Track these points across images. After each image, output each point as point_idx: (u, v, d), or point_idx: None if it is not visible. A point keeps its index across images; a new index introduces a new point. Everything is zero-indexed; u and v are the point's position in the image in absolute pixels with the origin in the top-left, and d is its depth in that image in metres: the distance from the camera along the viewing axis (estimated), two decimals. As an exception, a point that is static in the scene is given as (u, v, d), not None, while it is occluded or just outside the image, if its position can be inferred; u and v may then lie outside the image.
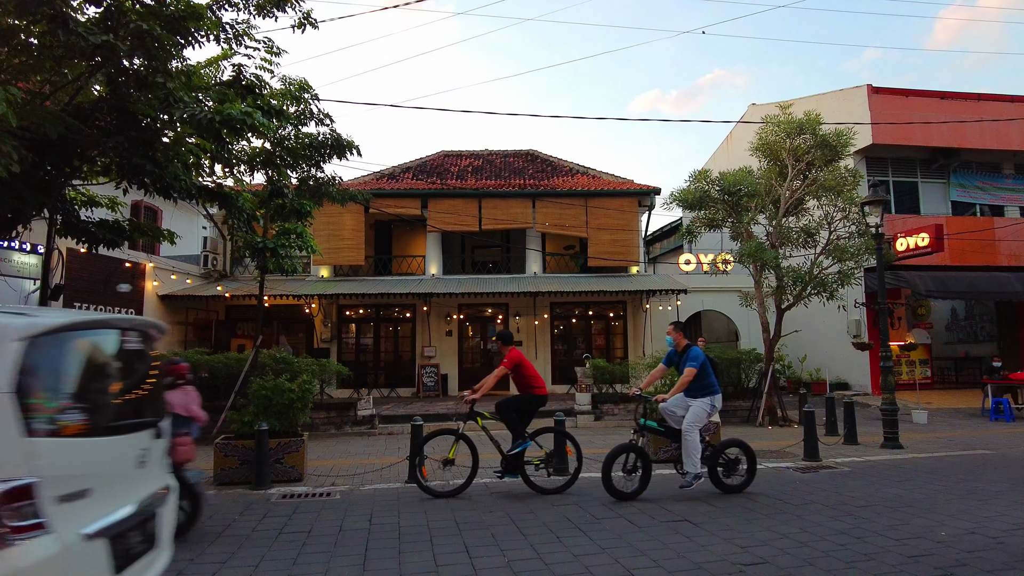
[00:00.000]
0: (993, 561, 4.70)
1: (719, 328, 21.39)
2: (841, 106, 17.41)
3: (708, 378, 6.83)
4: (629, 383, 15.00)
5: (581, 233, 18.75)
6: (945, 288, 16.55)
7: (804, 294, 13.14)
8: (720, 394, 6.98)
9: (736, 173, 13.77)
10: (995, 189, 19.02)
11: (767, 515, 6.07)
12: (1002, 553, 4.88)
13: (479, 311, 19.28)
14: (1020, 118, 17.77)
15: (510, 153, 23.67)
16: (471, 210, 18.46)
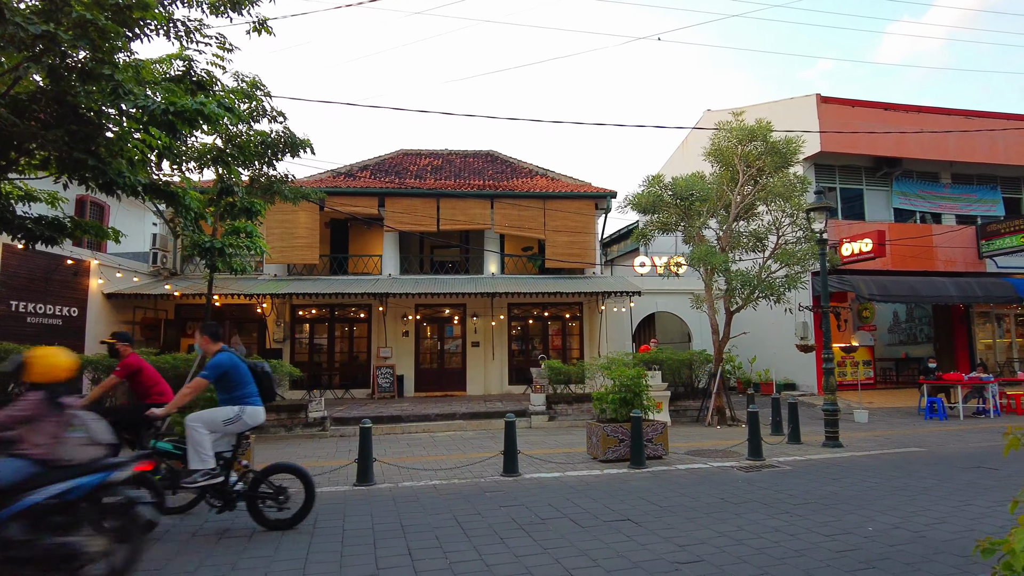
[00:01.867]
0: (913, 554, 4.94)
1: (672, 329, 21.79)
2: (792, 114, 17.92)
3: (240, 389, 5.72)
4: (584, 383, 15.19)
5: (539, 235, 18.87)
6: (887, 292, 17.19)
7: (752, 297, 13.49)
8: (259, 407, 5.87)
9: (688, 178, 14.07)
10: (934, 197, 19.84)
11: (708, 514, 6.24)
12: (922, 546, 5.13)
13: (437, 312, 19.23)
14: (956, 130, 18.57)
15: (470, 153, 23.67)
16: (429, 210, 18.40)
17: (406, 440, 11.95)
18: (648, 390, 9.86)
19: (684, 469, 8.63)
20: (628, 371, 9.76)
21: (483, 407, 14.59)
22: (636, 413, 8.86)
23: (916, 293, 17.58)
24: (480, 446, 10.85)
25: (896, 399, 17.31)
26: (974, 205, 20.04)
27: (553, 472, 8.42)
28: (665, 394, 13.84)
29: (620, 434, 9.16)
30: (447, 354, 19.26)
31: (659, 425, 9.56)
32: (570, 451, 10.24)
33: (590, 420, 10.07)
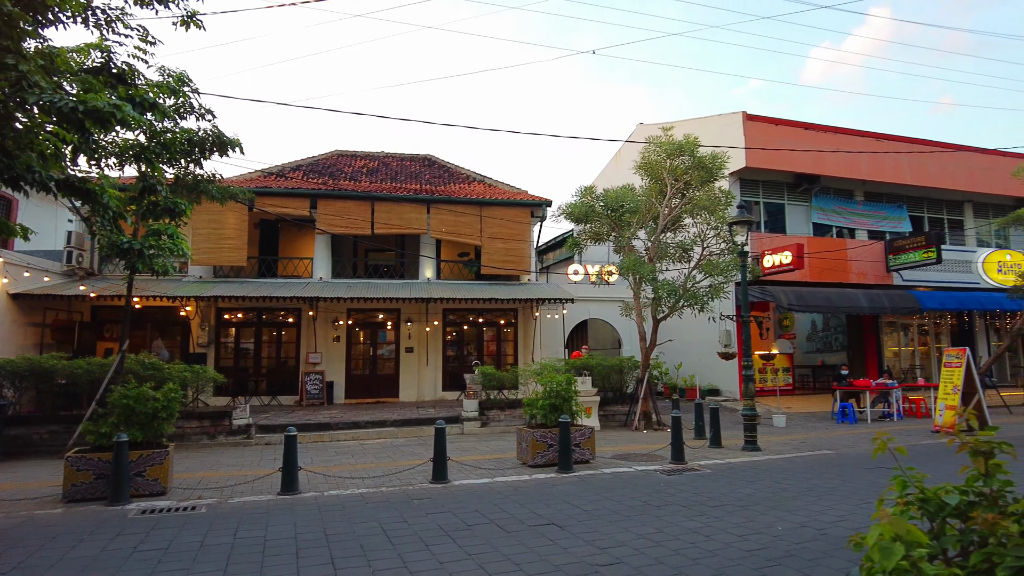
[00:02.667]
0: (815, 551, 5.26)
1: (604, 336, 22.26)
2: (720, 130, 18.68)
3: None
4: (517, 389, 15.34)
5: (475, 241, 18.93)
6: (804, 302, 18.12)
7: (678, 306, 13.97)
8: None
9: (619, 190, 14.46)
10: (849, 213, 21.06)
11: (630, 516, 6.44)
12: (824, 543, 5.47)
13: (370, 317, 18.99)
14: (868, 151, 19.80)
15: (407, 157, 23.52)
16: (364, 213, 18.16)
17: (334, 448, 11.75)
18: (577, 396, 10.06)
19: (609, 473, 8.86)
20: (558, 377, 9.95)
21: (415, 414, 14.51)
22: (565, 418, 9.03)
23: (831, 304, 18.60)
24: (411, 453, 10.80)
25: (812, 404, 18.23)
26: (883, 222, 21.39)
27: (483, 478, 8.48)
28: (595, 399, 14.14)
29: (549, 439, 9.31)
30: (380, 360, 19.04)
31: (587, 430, 9.78)
32: (501, 457, 10.33)
33: (521, 426, 10.19)
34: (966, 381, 13.05)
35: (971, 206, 23.02)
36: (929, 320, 22.47)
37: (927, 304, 19.52)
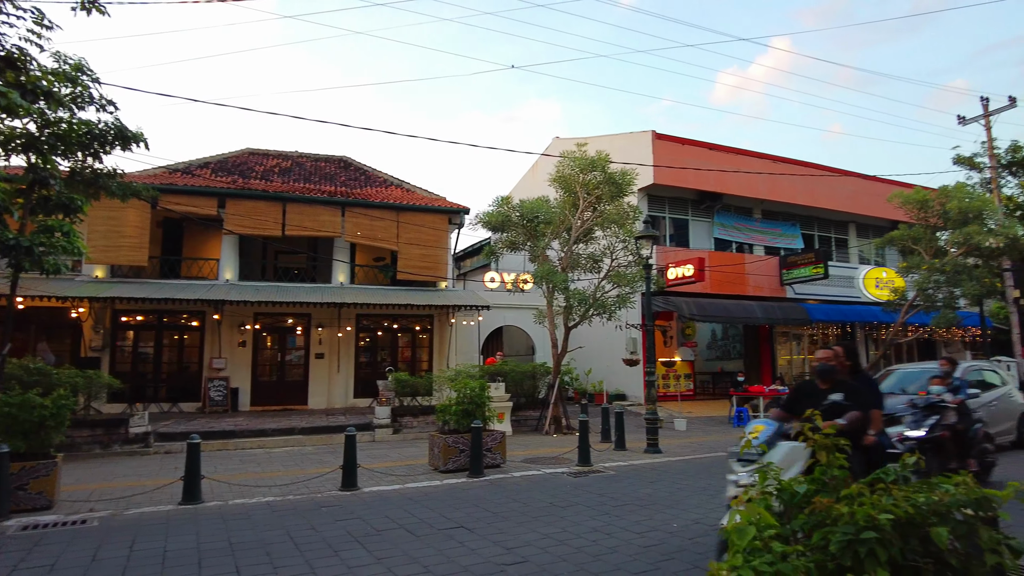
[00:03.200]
0: (706, 545, 5.67)
1: (519, 343, 22.64)
2: (630, 147, 19.50)
3: None
4: (432, 395, 15.39)
5: (392, 246, 18.82)
6: (705, 313, 19.18)
7: (588, 314, 14.49)
8: None
9: (535, 201, 14.86)
10: (747, 230, 22.49)
11: (537, 517, 6.68)
12: (714, 538, 5.89)
13: (278, 321, 18.47)
14: (766, 172, 21.24)
15: (322, 158, 23.06)
16: (275, 214, 17.67)
17: (240, 457, 11.40)
18: (490, 401, 10.27)
19: (519, 476, 9.11)
20: (472, 383, 10.11)
21: (325, 421, 14.26)
22: (477, 424, 9.21)
23: (730, 314, 19.77)
24: (320, 461, 10.65)
25: (712, 409, 19.29)
26: (778, 239, 22.97)
27: (393, 484, 8.51)
28: (507, 404, 14.40)
29: (461, 444, 9.45)
30: (288, 365, 18.55)
31: (498, 435, 10.00)
32: (413, 463, 10.37)
33: (433, 432, 10.28)
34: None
35: (855, 226, 25.11)
36: (817, 330, 24.25)
37: (815, 316, 21.11)
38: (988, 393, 10.50)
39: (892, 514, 1.92)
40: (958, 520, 1.99)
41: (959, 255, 17.17)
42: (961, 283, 16.78)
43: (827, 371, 5.05)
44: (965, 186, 18.45)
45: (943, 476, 2.20)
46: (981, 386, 10.40)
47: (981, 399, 9.89)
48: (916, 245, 17.93)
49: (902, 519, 1.93)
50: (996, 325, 23.70)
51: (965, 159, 26.32)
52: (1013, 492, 2.03)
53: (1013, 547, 2.03)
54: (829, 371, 5.05)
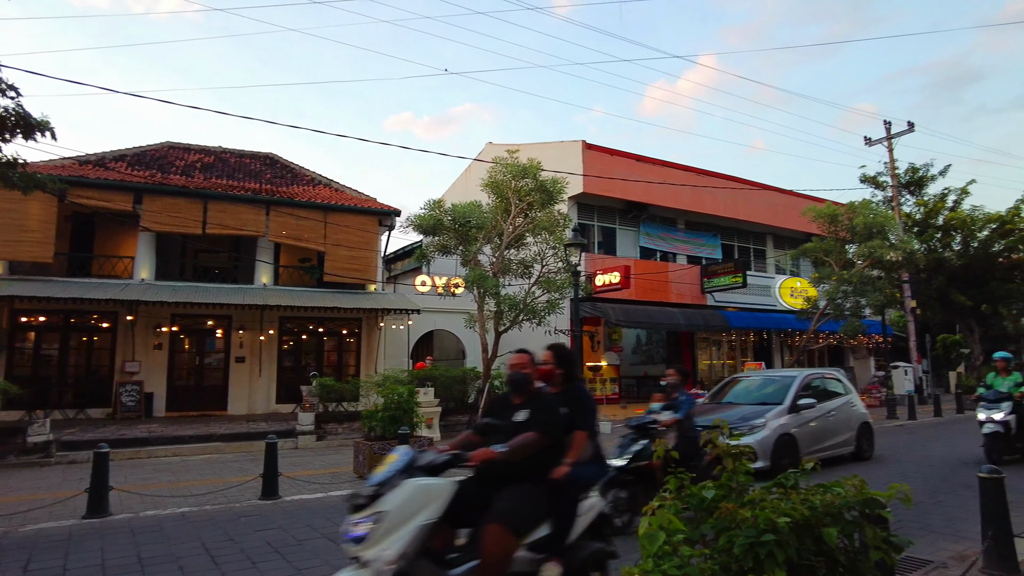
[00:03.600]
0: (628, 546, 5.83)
1: (450, 347, 22.57)
2: (561, 156, 19.83)
3: None
4: (358, 401, 15.13)
5: (318, 246, 18.38)
6: (630, 319, 19.72)
7: (518, 319, 14.64)
8: None
9: (467, 205, 14.89)
10: (671, 240, 23.28)
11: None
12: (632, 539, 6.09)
13: (197, 323, 17.70)
14: (690, 185, 22.06)
15: (247, 154, 22.29)
16: (195, 211, 16.94)
17: (153, 465, 10.87)
18: (419, 407, 10.20)
19: (446, 483, 9.07)
20: (400, 388, 10.02)
21: (245, 427, 13.79)
22: (404, 430, 9.13)
23: (653, 320, 20.40)
24: (240, 469, 10.29)
25: (636, 412, 19.78)
26: (700, 249, 23.88)
27: (316, 493, 8.33)
28: (436, 410, 14.35)
29: (387, 451, 9.33)
30: (207, 369, 17.80)
31: (426, 441, 9.94)
32: (337, 471, 10.17)
33: (359, 439, 10.11)
34: (760, 392, 14.94)
35: (772, 238, 26.41)
36: (736, 337, 25.36)
37: (734, 323, 22.06)
38: (829, 402, 10.11)
39: (790, 517, 2.07)
40: (848, 520, 2.16)
41: (864, 267, 18.35)
42: (866, 293, 17.93)
43: (518, 382, 3.79)
44: (870, 203, 19.75)
45: None
46: (822, 395, 10.09)
47: (819, 408, 9.62)
48: (827, 257, 19.05)
49: (799, 521, 2.08)
50: (896, 333, 25.44)
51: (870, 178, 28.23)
52: (895, 493, 2.21)
53: (894, 543, 2.21)
54: (520, 382, 3.79)
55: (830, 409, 10.02)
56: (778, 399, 9.46)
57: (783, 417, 9.08)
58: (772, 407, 9.23)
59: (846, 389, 10.98)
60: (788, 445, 8.81)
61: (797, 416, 9.25)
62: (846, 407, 10.46)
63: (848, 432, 10.23)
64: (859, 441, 10.43)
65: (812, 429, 9.41)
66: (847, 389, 11.01)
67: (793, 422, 9.12)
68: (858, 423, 10.52)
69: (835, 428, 9.99)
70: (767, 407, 9.28)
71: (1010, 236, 27.00)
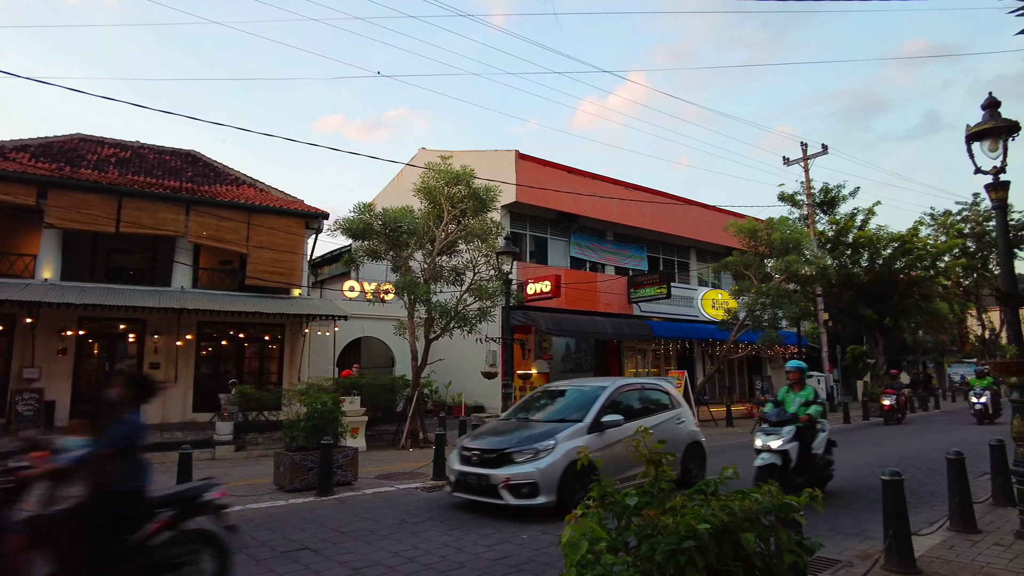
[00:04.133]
0: (553, 554, 5.84)
1: (378, 355, 22.16)
2: (495, 164, 19.88)
3: None
4: (281, 410, 14.61)
5: (241, 249, 17.69)
6: (560, 327, 19.95)
7: (449, 327, 14.53)
8: None
9: (398, 210, 14.69)
10: (600, 251, 23.74)
11: (387, 535, 6.54)
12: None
13: (107, 326, 16.67)
14: (618, 198, 22.58)
15: (167, 151, 21.25)
16: (108, 208, 15.98)
17: (51, 478, 10.10)
18: (344, 416, 9.95)
19: (371, 493, 8.88)
20: (324, 397, 9.75)
21: (159, 437, 13.08)
22: (327, 440, 8.87)
23: (582, 329, 20.71)
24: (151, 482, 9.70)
25: (564, 420, 19.97)
26: (628, 260, 24.46)
27: (234, 506, 7.92)
28: (362, 419, 14.04)
29: (310, 462, 9.05)
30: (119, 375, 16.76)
31: (350, 451, 9.70)
32: (256, 482, 9.77)
33: (280, 449, 9.76)
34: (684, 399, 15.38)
35: (695, 251, 27.35)
36: (661, 346, 26.04)
37: (659, 332, 22.66)
38: (648, 419, 8.46)
39: (709, 523, 2.11)
40: (764, 525, 2.23)
41: (781, 281, 19.25)
42: (783, 306, 18.80)
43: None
44: (787, 220, 20.77)
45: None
46: (638, 411, 8.70)
47: (630, 427, 7.56)
48: (747, 270, 19.87)
49: (718, 527, 2.12)
50: (810, 344, 26.78)
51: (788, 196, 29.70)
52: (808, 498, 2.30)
53: (806, 546, 2.30)
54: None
55: (648, 427, 7.44)
56: (581, 415, 7.97)
57: (580, 438, 7.50)
58: (570, 425, 7.75)
59: (673, 402, 9.50)
60: (584, 473, 6.44)
61: (600, 436, 7.67)
62: (670, 424, 8.91)
63: (672, 454, 7.98)
64: (685, 465, 8.84)
65: (619, 452, 7.14)
66: (675, 402, 9.54)
67: (594, 443, 7.45)
68: (685, 443, 9.02)
69: None
70: (565, 425, 7.78)
71: (909, 255, 29.00)
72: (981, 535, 5.95)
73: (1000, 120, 6.07)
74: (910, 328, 32.37)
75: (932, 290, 29.86)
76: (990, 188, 6.14)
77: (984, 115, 6.20)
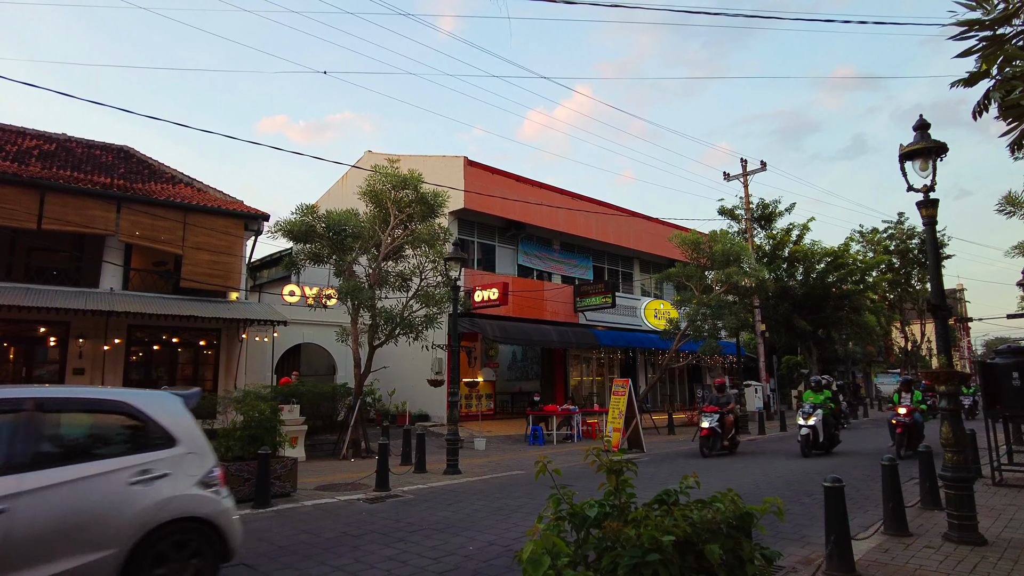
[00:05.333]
0: (501, 567, 5.73)
1: (319, 362, 21.57)
2: (443, 170, 19.73)
3: None
4: (216, 419, 13.98)
5: (176, 249, 16.91)
6: (507, 335, 19.89)
7: (395, 333, 14.25)
8: None
9: (343, 213, 14.35)
10: (547, 259, 23.85)
11: (327, 549, 6.29)
12: (508, 559, 6.00)
13: (26, 329, 15.62)
14: (565, 207, 22.76)
15: (98, 145, 20.15)
16: (30, 203, 15.00)
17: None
18: (282, 425, 9.58)
19: (311, 505, 8.56)
20: (262, 405, 9.37)
21: (80, 447, 12.26)
22: (265, 450, 8.51)
23: (529, 337, 20.70)
24: (69, 494, 9.09)
25: (510, 427, 19.93)
26: (574, 269, 24.65)
27: (162, 519, 7.51)
28: (302, 428, 13.59)
29: (246, 473, 8.66)
30: (37, 382, 15.73)
31: (289, 461, 9.34)
32: (187, 494, 9.27)
33: (214, 458, 9.30)
34: (628, 407, 15.52)
35: (639, 262, 27.82)
36: (605, 354, 26.33)
37: (604, 341, 22.88)
38: (59, 469, 4.11)
39: (673, 535, 2.05)
40: (726, 535, 2.19)
41: (722, 292, 19.73)
42: (723, 316, 19.26)
43: None
44: (728, 233, 21.34)
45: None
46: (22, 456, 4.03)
47: None
48: (689, 281, 20.29)
49: (681, 538, 2.07)
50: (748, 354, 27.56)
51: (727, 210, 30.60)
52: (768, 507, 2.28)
53: (767, 555, 2.27)
54: None
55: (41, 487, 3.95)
56: None
57: None
58: None
59: (153, 438, 4.83)
60: None
61: None
62: (113, 483, 4.29)
63: (91, 550, 4.01)
64: (144, 564, 4.25)
65: None
66: (158, 438, 4.86)
67: None
68: (152, 524, 4.36)
69: (39, 538, 3.82)
70: None
71: (841, 269, 30.31)
72: (912, 538, 6.16)
73: (930, 141, 6.35)
74: (841, 339, 33.78)
75: (861, 303, 31.28)
76: (921, 205, 6.40)
77: (915, 136, 6.47)
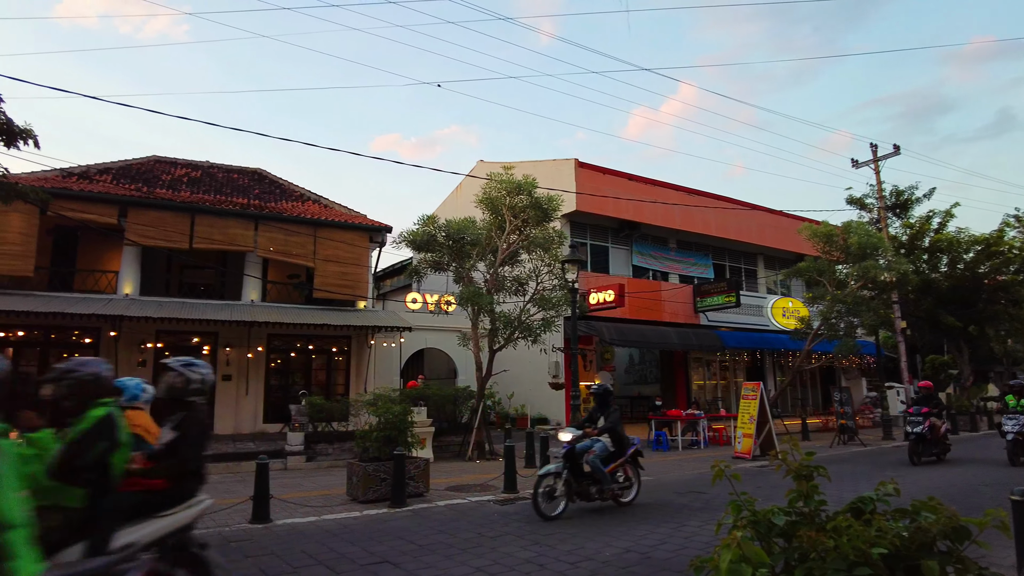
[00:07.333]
0: (641, 574, 5.55)
1: (440, 366, 22.21)
2: (554, 174, 19.72)
3: None
4: (348, 421, 14.74)
5: (308, 263, 18.06)
6: (624, 338, 19.52)
7: (513, 337, 14.37)
8: None
9: (461, 221, 14.68)
10: (664, 259, 23.19)
11: (465, 549, 6.37)
12: (647, 566, 5.80)
13: (182, 339, 17.24)
14: (681, 204, 22.03)
15: (235, 169, 21.97)
16: (182, 225, 16.58)
17: (134, 487, 10.38)
18: (413, 427, 9.88)
19: (444, 505, 8.75)
20: (394, 407, 9.71)
21: (232, 447, 13.35)
22: (399, 451, 8.80)
23: (647, 339, 20.21)
24: (227, 491, 9.87)
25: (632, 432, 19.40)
26: (692, 268, 23.80)
27: (309, 516, 7.96)
28: (429, 430, 13.99)
29: (382, 473, 9.00)
30: (193, 387, 17.28)
31: (421, 462, 9.61)
32: (329, 493, 9.79)
33: (351, 459, 9.76)
34: (760, 412, 14.72)
35: (763, 258, 26.41)
36: (729, 357, 25.19)
37: (728, 342, 21.90)
38: None
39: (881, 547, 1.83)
40: (942, 551, 1.93)
41: (859, 288, 18.31)
42: (860, 313, 17.86)
43: None
44: (863, 223, 19.78)
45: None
46: None
47: None
48: (821, 277, 19.00)
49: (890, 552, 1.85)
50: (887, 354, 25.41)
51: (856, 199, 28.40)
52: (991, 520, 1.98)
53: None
54: None
55: None
56: None
57: None
58: None
59: None
60: None
61: None
62: None
63: None
64: None
65: None
66: None
67: None
68: None
69: None
70: None
71: (995, 258, 27.24)
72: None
73: None
74: (998, 336, 30.35)
75: (1021, 295, 27.95)
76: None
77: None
